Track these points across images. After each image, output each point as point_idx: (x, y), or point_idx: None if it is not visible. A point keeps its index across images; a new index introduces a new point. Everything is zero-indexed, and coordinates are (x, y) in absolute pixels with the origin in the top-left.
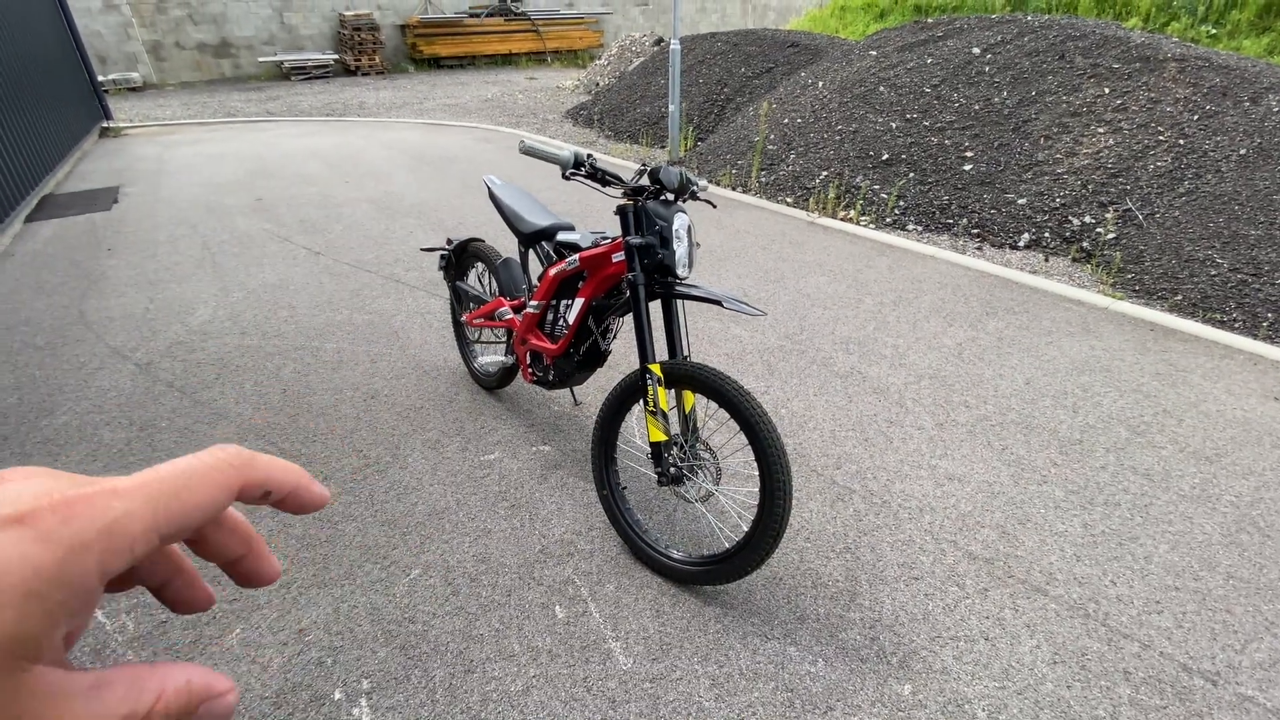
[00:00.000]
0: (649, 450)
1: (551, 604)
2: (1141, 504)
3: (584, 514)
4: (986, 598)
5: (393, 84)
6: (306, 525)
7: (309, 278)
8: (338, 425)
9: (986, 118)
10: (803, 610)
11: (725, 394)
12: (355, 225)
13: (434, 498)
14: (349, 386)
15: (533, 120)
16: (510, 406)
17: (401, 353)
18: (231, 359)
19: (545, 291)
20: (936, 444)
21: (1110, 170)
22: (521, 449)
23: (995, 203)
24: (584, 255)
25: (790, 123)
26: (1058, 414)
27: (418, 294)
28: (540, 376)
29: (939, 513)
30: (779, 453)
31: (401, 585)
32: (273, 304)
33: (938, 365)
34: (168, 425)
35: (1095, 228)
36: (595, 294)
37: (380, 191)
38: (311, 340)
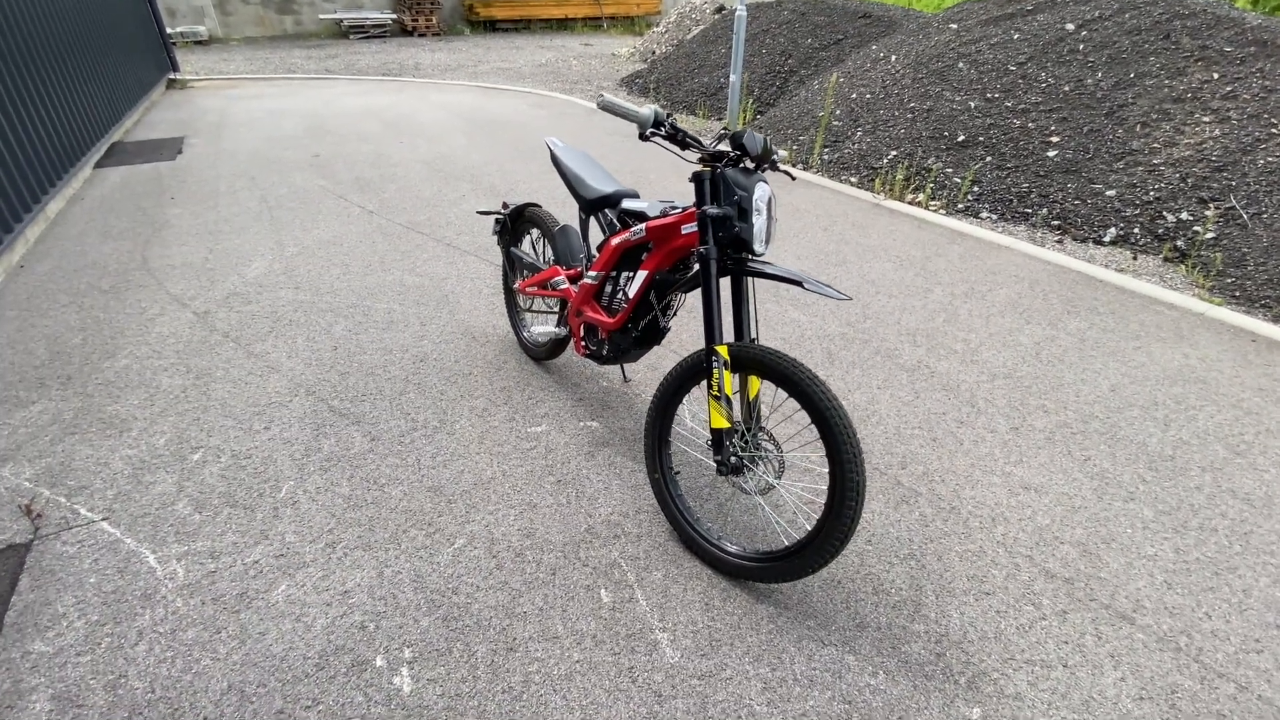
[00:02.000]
0: (708, 436)
1: (597, 587)
2: (1241, 531)
3: (631, 495)
4: (1066, 621)
5: (448, 46)
6: (354, 485)
7: (362, 237)
8: (387, 386)
9: (1077, 100)
10: (863, 617)
11: (797, 383)
12: (409, 186)
13: (480, 467)
14: (399, 348)
15: (586, 87)
16: (558, 379)
17: (451, 317)
18: (285, 313)
19: (605, 262)
20: (1011, 449)
21: (1214, 164)
22: (569, 423)
23: (1080, 193)
24: (651, 225)
25: (858, 98)
26: (1147, 426)
27: (469, 259)
28: (594, 351)
29: (1013, 524)
30: (854, 451)
31: (446, 554)
32: (326, 260)
33: (1013, 364)
34: (222, 375)
35: (1192, 225)
36: (660, 267)
37: (434, 153)
38: (363, 299)
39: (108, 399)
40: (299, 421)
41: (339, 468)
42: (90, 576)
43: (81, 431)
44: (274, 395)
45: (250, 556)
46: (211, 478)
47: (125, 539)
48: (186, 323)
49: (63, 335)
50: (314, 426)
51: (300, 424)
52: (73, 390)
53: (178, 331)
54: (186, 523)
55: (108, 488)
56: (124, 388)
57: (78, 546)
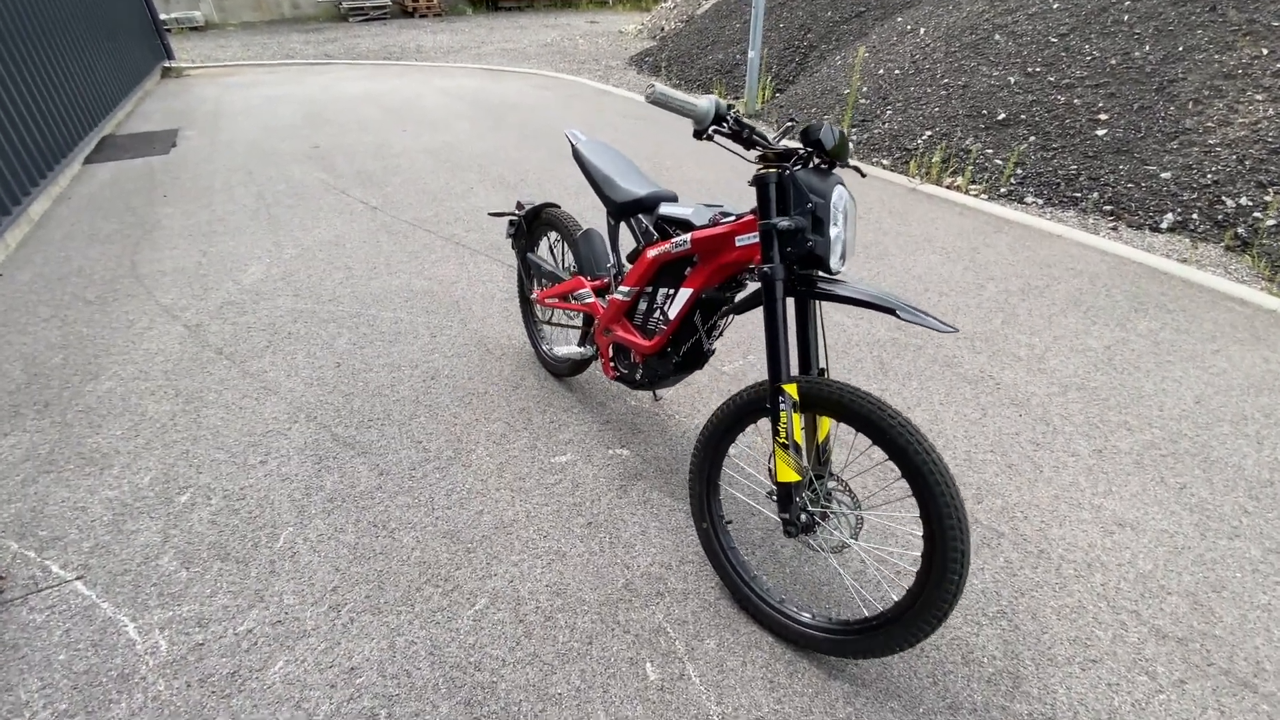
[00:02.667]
0: (767, 485)
1: (641, 660)
2: None
3: (673, 541)
4: (1184, 693)
5: (450, 27)
6: (361, 531)
7: (366, 236)
8: (395, 409)
9: (1125, 75)
10: (954, 695)
11: (884, 429)
12: (413, 179)
13: (500, 506)
14: (407, 363)
15: (595, 67)
16: (581, 398)
17: (463, 326)
18: (284, 324)
19: (640, 276)
20: (1097, 477)
21: (1270, 145)
22: (596, 452)
23: (1133, 175)
24: (697, 236)
25: (886, 74)
26: (1239, 445)
27: (479, 259)
28: (625, 374)
29: (1112, 571)
30: (958, 515)
31: (466, 618)
32: (328, 263)
33: (1085, 373)
34: (215, 399)
35: (1253, 212)
36: (707, 285)
37: (438, 142)
38: (368, 307)
39: (88, 429)
40: (299, 453)
41: (343, 509)
42: (60, 653)
43: (58, 469)
44: (271, 422)
45: (243, 624)
46: (200, 524)
47: (102, 603)
48: (177, 338)
49: (42, 355)
50: (315, 459)
51: (300, 456)
52: (50, 419)
53: (167, 348)
54: (172, 581)
55: (84, 538)
56: (106, 415)
57: (47, 613)
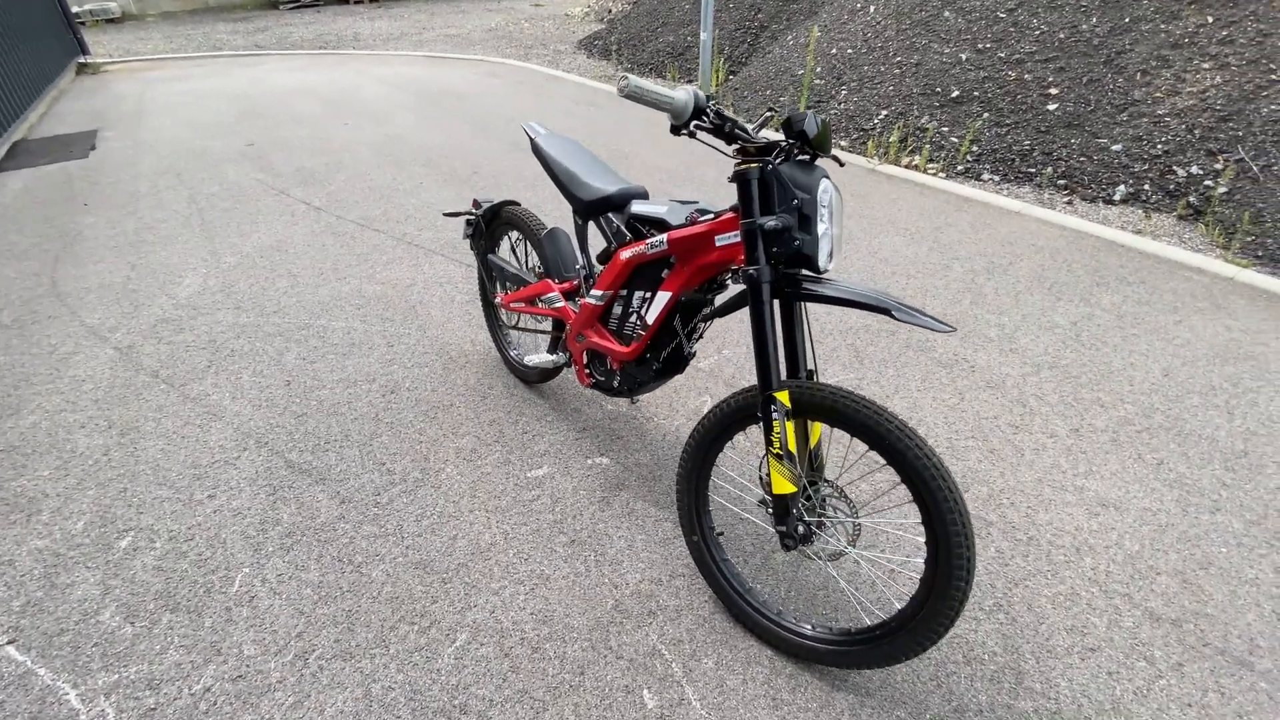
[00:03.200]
0: (764, 497)
1: (637, 687)
2: None
3: (662, 554)
4: (1183, 675)
5: (389, 12)
6: (325, 568)
7: (310, 239)
8: (354, 429)
9: (1073, 48)
10: (959, 697)
11: (883, 435)
12: (358, 175)
13: (475, 529)
14: (364, 377)
15: (543, 51)
16: (554, 405)
17: (422, 334)
18: (225, 341)
19: (613, 279)
20: (1077, 457)
21: (1219, 113)
22: (574, 462)
23: (1085, 149)
24: (674, 236)
25: (839, 54)
26: (1210, 416)
27: (434, 259)
28: (601, 381)
29: (1101, 554)
30: (963, 522)
31: (447, 656)
32: (270, 271)
33: (1055, 351)
34: (153, 429)
35: (1204, 180)
36: (686, 287)
37: (382, 135)
38: (317, 317)
39: (11, 471)
40: (250, 485)
41: (304, 545)
42: None
43: None
44: (217, 451)
45: (200, 681)
46: (145, 571)
47: (38, 669)
48: (107, 361)
49: None
50: (269, 490)
51: (252, 488)
52: None
53: (96, 374)
54: (116, 639)
55: (13, 595)
56: (31, 454)
57: None
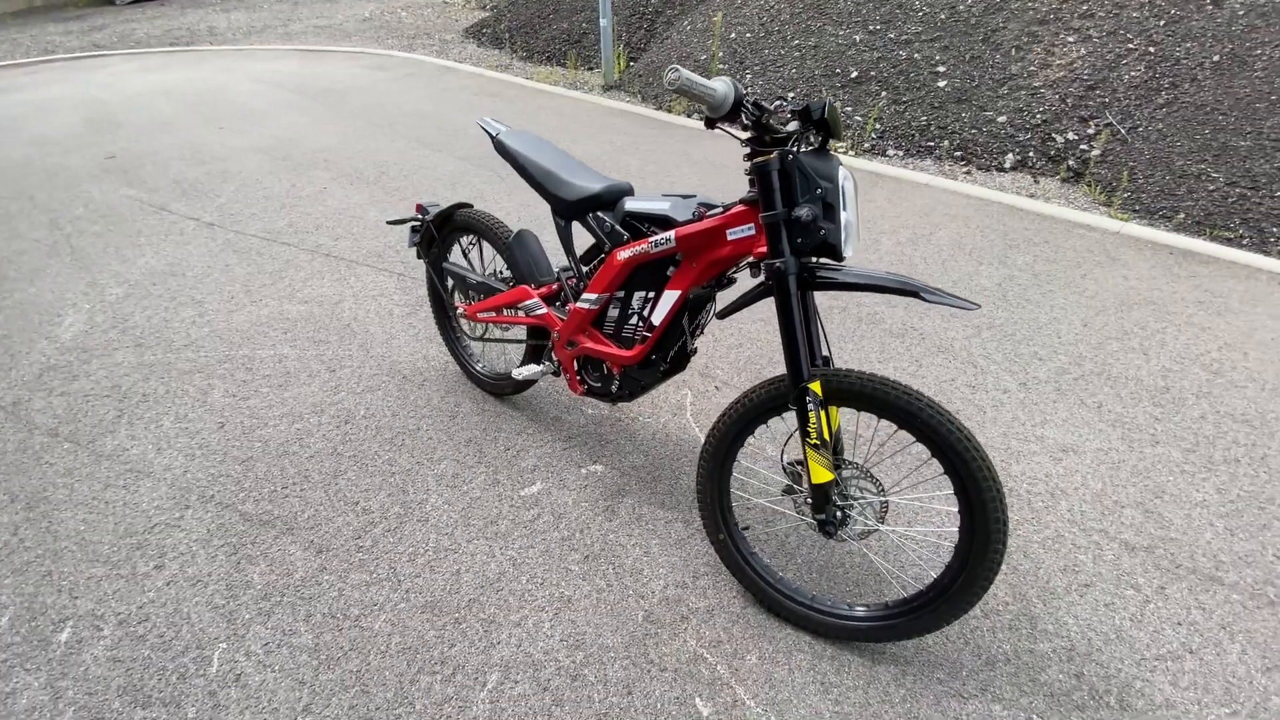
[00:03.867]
0: (788, 484)
1: (689, 697)
2: (1257, 456)
3: (680, 556)
4: (1167, 598)
5: (245, 3)
6: (318, 629)
7: (210, 259)
8: (312, 468)
9: (954, 27)
10: (988, 651)
11: (915, 415)
12: (250, 184)
13: (479, 560)
14: (309, 409)
15: (428, 42)
16: (532, 415)
17: (365, 354)
18: (133, 385)
19: (610, 281)
20: (1031, 409)
21: (1086, 83)
22: (567, 474)
23: (975, 122)
24: (683, 233)
25: (739, 38)
26: (1130, 358)
27: (359, 271)
28: (598, 388)
29: (1072, 496)
30: (995, 486)
31: (481, 703)
32: (170, 300)
33: (989, 312)
34: (66, 497)
35: (1080, 145)
36: (695, 284)
37: (268, 138)
38: (237, 348)
39: None
40: (204, 547)
41: (286, 605)
42: None
43: None
44: (154, 513)
45: None
46: (99, 665)
47: None
48: None
49: None
50: (228, 550)
51: (207, 550)
52: None
53: None
54: None
55: None
56: None
57: None
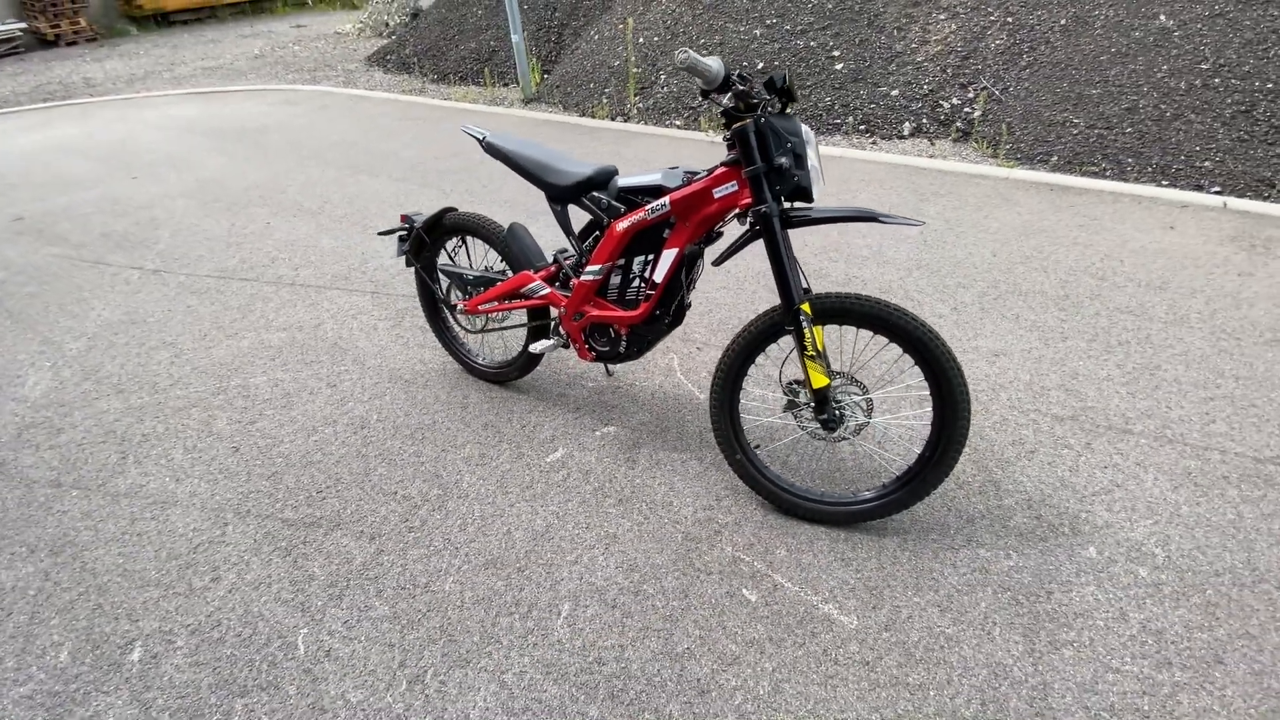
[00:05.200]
0: (789, 400)
1: (736, 589)
2: (1141, 337)
3: (700, 485)
4: (1094, 450)
5: (117, 52)
6: (391, 599)
7: (168, 304)
8: (341, 470)
9: (841, 14)
10: (966, 512)
11: (892, 320)
12: (186, 229)
13: (525, 518)
14: (321, 422)
15: (331, 73)
16: (538, 395)
17: (361, 367)
18: (128, 428)
19: (611, 251)
20: (965, 327)
21: (961, 54)
22: (584, 438)
23: (872, 97)
24: (676, 197)
25: (647, 43)
26: (1034, 276)
27: (330, 295)
28: (606, 351)
29: (1009, 388)
30: (960, 375)
31: (560, 629)
32: (139, 346)
33: (916, 255)
34: (92, 538)
35: (963, 108)
36: (691, 240)
37: (191, 182)
38: (228, 379)
39: None
40: (255, 554)
41: (356, 588)
42: None
43: None
44: (192, 535)
45: None
46: (182, 672)
47: None
48: None
49: None
50: (282, 552)
51: (260, 557)
52: None
53: None
54: None
55: None
56: None
57: None
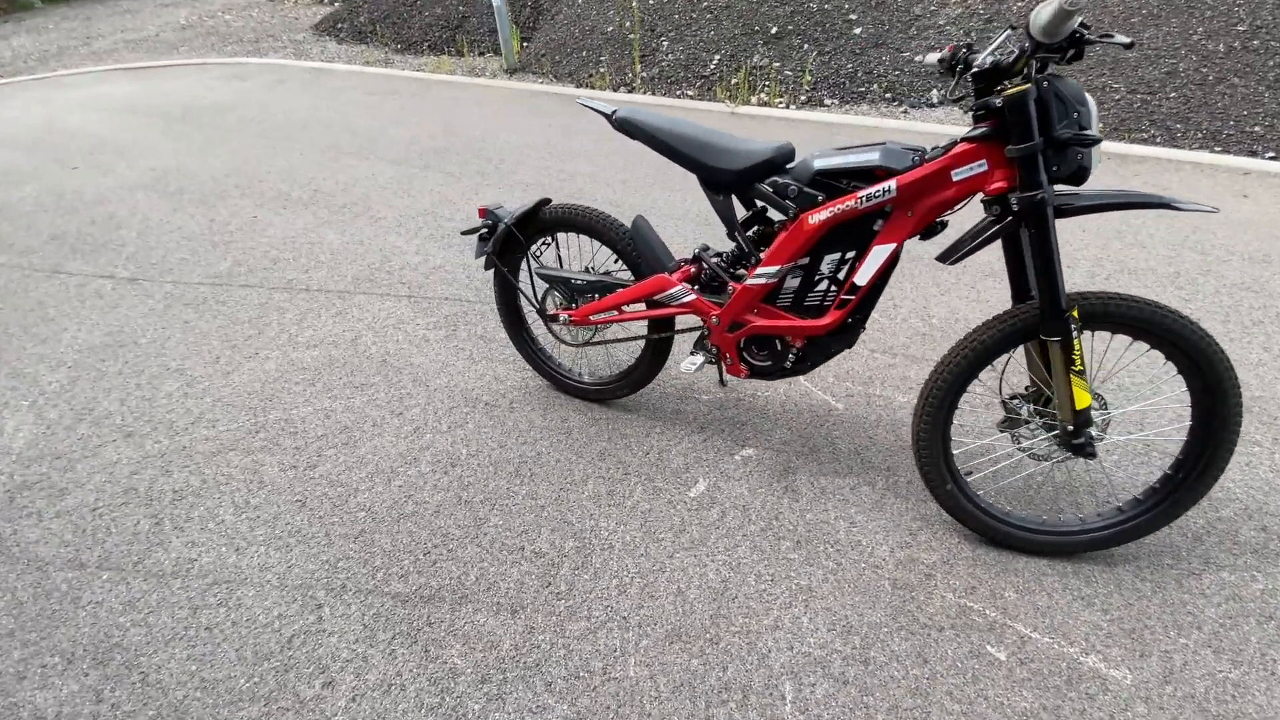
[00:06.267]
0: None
1: (979, 647)
2: (1272, 315)
3: (885, 517)
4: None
5: (24, 27)
6: (568, 696)
7: (160, 320)
8: (448, 524)
9: None
10: (1188, 527)
11: (1169, 328)
12: (155, 226)
13: (692, 573)
14: (401, 462)
15: (276, 43)
16: (647, 414)
17: (425, 389)
18: (153, 484)
19: (797, 249)
20: None
21: (983, 16)
22: (724, 464)
23: (895, 63)
24: (906, 180)
25: (642, 6)
26: (1134, 253)
27: (356, 300)
28: (768, 367)
29: None
30: (1235, 383)
31: (793, 716)
32: (136, 374)
33: None
34: (145, 638)
35: None
36: (913, 233)
37: (145, 171)
38: (263, 412)
39: None
40: (369, 644)
41: (516, 682)
42: None
43: None
44: (279, 624)
45: None
46: None
47: None
48: None
49: None
50: (405, 639)
51: (376, 646)
52: None
53: None
54: None
55: None
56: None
57: None
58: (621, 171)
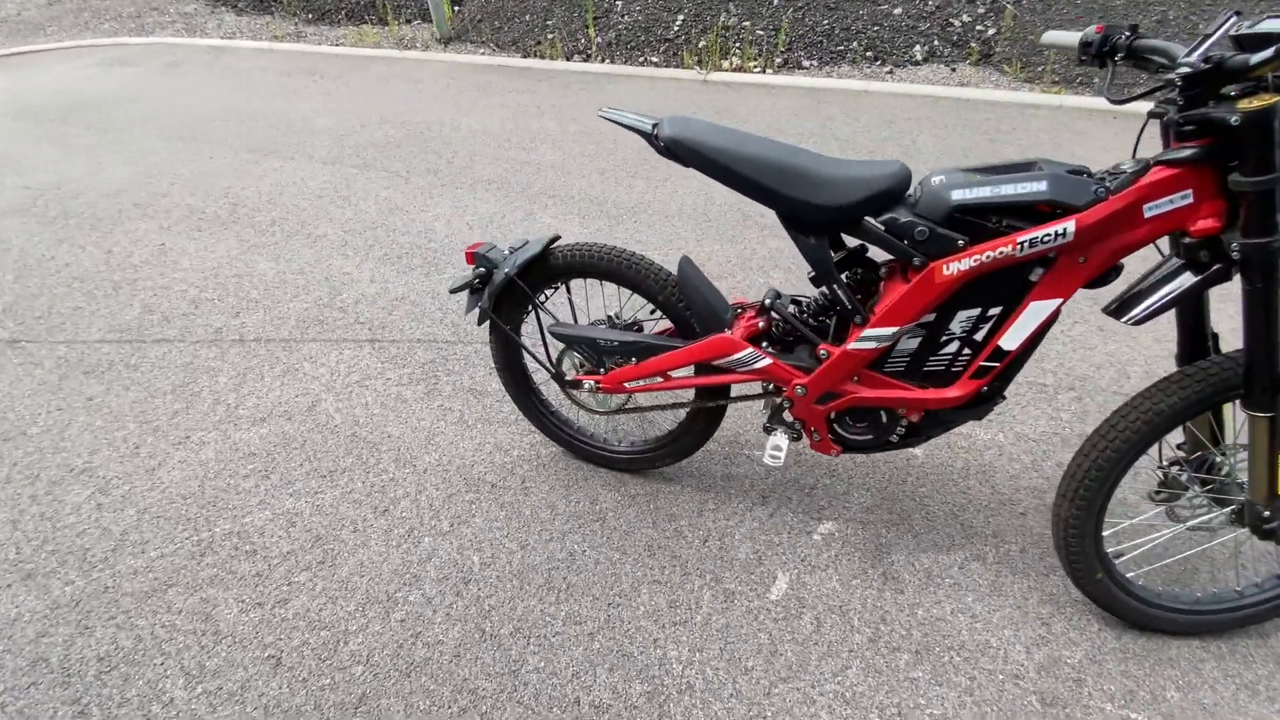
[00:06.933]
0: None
1: None
2: None
3: (1007, 605)
4: None
5: None
6: None
7: (52, 397)
8: (473, 673)
9: None
10: None
11: None
12: (34, 264)
13: (801, 713)
14: (396, 583)
15: (163, 18)
16: (695, 485)
17: (410, 469)
18: (69, 650)
19: (922, 306)
20: None
21: None
22: (801, 549)
23: (874, 17)
24: (1089, 219)
25: None
26: None
27: (305, 349)
28: (869, 441)
29: None
30: None
31: None
32: (28, 479)
33: None
34: None
35: (976, 25)
36: (1085, 283)
37: (20, 190)
38: (206, 525)
39: None
40: None
41: None
42: None
43: None
44: None
45: None
46: None
47: None
48: None
49: None
50: None
51: None
52: None
53: None
54: None
55: None
56: None
57: None
58: (595, 159)
